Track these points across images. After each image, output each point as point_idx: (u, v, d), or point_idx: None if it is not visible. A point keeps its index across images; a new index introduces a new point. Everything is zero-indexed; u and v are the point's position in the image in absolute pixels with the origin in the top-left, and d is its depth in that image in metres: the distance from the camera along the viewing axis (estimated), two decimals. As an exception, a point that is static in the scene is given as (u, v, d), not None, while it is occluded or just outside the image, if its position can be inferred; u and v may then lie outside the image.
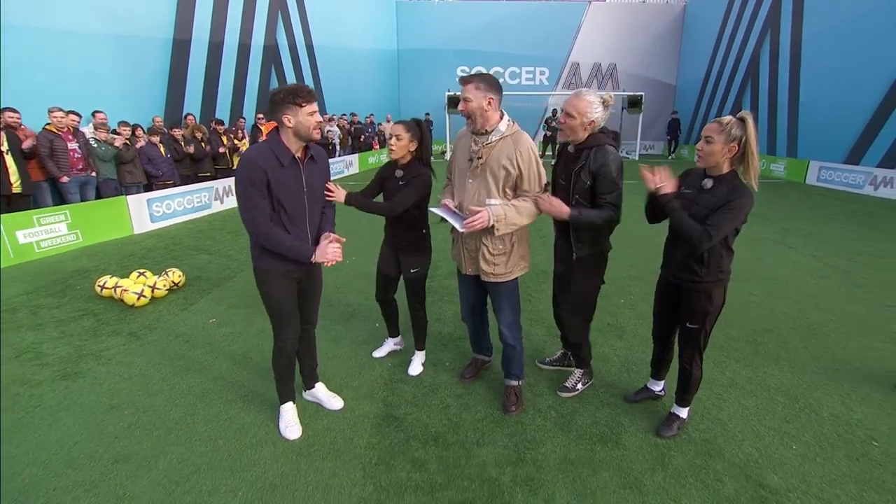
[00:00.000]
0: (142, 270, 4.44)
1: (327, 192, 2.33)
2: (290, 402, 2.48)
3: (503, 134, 2.20)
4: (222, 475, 2.10)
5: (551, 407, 2.61)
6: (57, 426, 2.43)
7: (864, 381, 2.83)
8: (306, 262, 2.15)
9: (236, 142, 9.40)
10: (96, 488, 2.01)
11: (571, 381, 2.78)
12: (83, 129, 6.65)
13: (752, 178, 1.94)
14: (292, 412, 2.46)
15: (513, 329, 2.49)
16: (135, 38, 8.41)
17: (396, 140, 2.49)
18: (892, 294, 4.24)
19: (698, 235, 1.94)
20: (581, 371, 2.80)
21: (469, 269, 2.46)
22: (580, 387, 2.77)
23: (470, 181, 2.29)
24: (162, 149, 7.45)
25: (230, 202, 8.63)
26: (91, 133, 6.59)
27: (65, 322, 3.72)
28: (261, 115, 10.88)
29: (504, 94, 2.26)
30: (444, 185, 2.59)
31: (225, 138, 9.02)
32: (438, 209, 2.36)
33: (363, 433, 2.40)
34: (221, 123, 9.35)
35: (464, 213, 2.29)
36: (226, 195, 8.60)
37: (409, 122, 2.54)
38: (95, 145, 6.50)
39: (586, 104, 2.20)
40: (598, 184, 2.24)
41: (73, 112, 6.27)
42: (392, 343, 3.22)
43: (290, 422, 2.43)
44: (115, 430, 2.41)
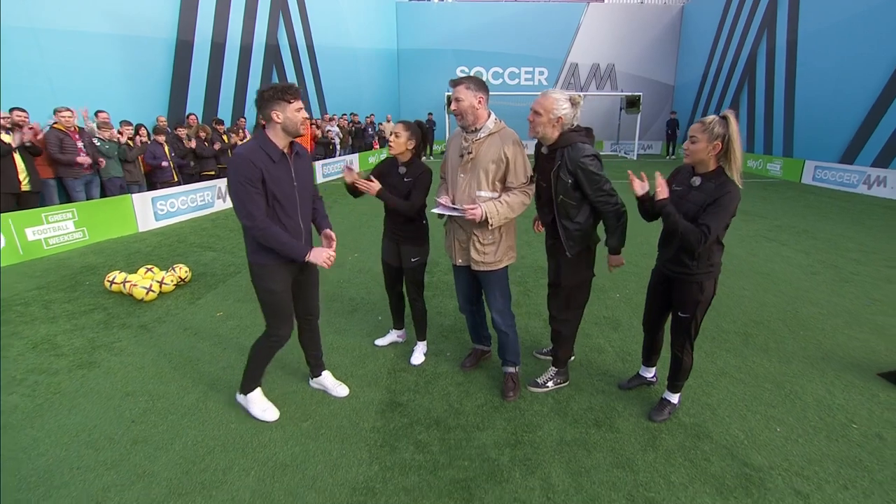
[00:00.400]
0: (149, 266, 4.55)
1: (364, 184, 2.58)
2: (259, 390, 2.56)
3: (490, 131, 2.36)
4: (235, 455, 2.21)
5: (548, 394, 2.73)
6: (76, 411, 2.55)
7: (847, 370, 2.95)
8: (300, 261, 2.22)
9: (238, 141, 9.49)
10: (117, 467, 2.13)
11: (544, 377, 2.79)
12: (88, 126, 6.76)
13: (734, 174, 2.05)
14: (261, 395, 2.55)
15: (504, 315, 2.61)
16: (139, 38, 8.50)
17: (395, 137, 2.64)
18: (879, 288, 4.37)
19: (696, 237, 2.05)
20: (555, 370, 2.78)
21: (460, 260, 2.60)
22: (551, 384, 2.76)
23: (461, 176, 2.44)
24: (166, 148, 7.55)
25: (233, 201, 8.73)
26: (95, 132, 6.69)
27: (77, 315, 3.83)
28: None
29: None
30: (439, 185, 2.72)
31: (226, 137, 9.11)
32: (437, 209, 2.50)
33: (368, 418, 2.52)
34: (221, 123, 9.44)
35: (458, 207, 2.44)
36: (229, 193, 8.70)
37: (412, 123, 2.69)
38: (99, 143, 6.58)
39: (552, 101, 2.28)
40: (584, 185, 2.27)
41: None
42: (395, 334, 3.34)
43: (265, 405, 2.52)
44: (131, 414, 2.53)
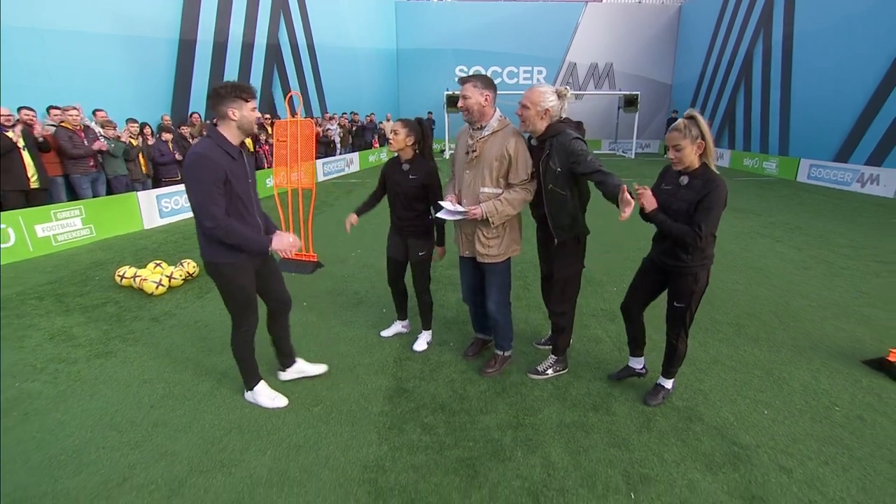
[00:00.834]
0: (158, 262, 4.66)
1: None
2: (262, 381, 2.62)
3: (494, 129, 2.47)
4: (251, 437, 2.33)
5: (548, 380, 2.85)
6: (97, 397, 2.66)
7: (833, 357, 3.09)
8: (265, 254, 2.26)
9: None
10: (140, 447, 2.25)
11: (544, 365, 2.89)
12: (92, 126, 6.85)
13: (711, 161, 2.19)
14: (265, 386, 2.62)
15: (499, 305, 2.73)
16: (143, 38, 8.61)
17: (394, 135, 2.79)
18: (867, 282, 4.51)
19: (691, 237, 2.17)
20: (555, 358, 2.89)
21: (466, 252, 2.73)
22: (550, 372, 2.86)
23: (467, 172, 2.57)
24: (171, 146, 7.66)
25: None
26: (100, 131, 6.78)
27: (90, 309, 3.94)
28: (267, 116, 11.09)
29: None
30: (448, 180, 2.84)
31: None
32: (442, 213, 2.60)
33: (376, 403, 2.64)
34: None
35: (463, 205, 2.57)
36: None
37: (411, 120, 2.83)
38: (104, 141, 6.68)
39: (538, 94, 2.39)
40: (574, 164, 2.34)
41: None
42: (400, 325, 3.46)
43: (272, 394, 2.60)
44: (150, 400, 2.64)
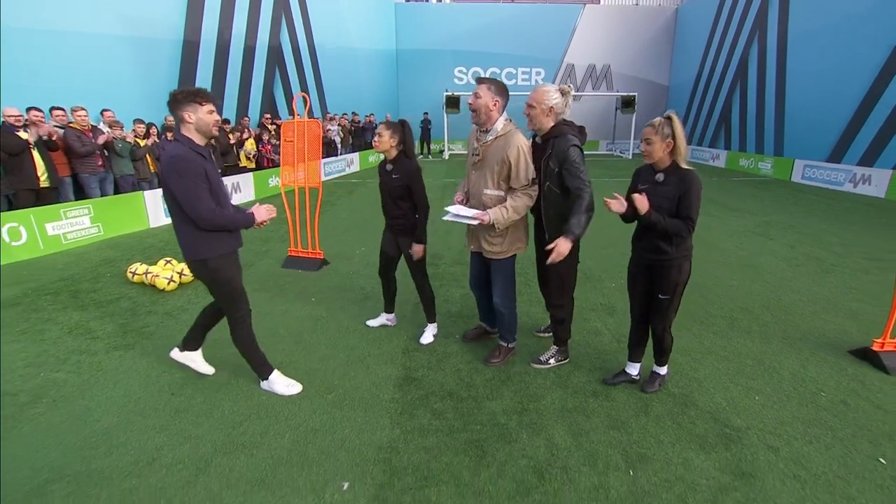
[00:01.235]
0: (168, 259, 4.78)
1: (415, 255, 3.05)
2: (276, 370, 2.73)
3: (498, 133, 2.58)
4: (269, 422, 2.46)
5: (550, 370, 2.99)
6: (120, 386, 2.78)
7: (821, 348, 3.24)
8: (251, 226, 2.40)
9: (244, 140, 9.72)
10: (166, 430, 2.37)
11: (546, 355, 3.00)
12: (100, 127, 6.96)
13: (682, 162, 2.33)
14: (279, 374, 2.73)
15: (504, 298, 2.87)
16: (148, 39, 8.71)
17: (378, 137, 2.97)
18: (857, 278, 4.67)
19: (686, 230, 2.33)
20: (557, 348, 3.00)
21: (473, 246, 2.89)
22: (552, 362, 2.98)
23: (473, 173, 2.73)
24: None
25: (237, 198, 8.95)
26: (108, 131, 6.89)
27: (104, 304, 4.06)
28: (268, 116, 11.21)
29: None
30: (461, 180, 2.99)
31: (232, 136, 9.33)
32: (449, 217, 2.70)
33: (387, 390, 2.77)
34: (227, 122, 9.67)
35: (470, 205, 2.71)
36: (235, 191, 8.92)
37: (394, 122, 3.01)
38: (113, 141, 6.79)
39: (542, 93, 2.53)
40: (565, 171, 2.46)
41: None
42: (385, 318, 3.60)
43: (287, 381, 2.72)
44: (170, 388, 2.77)
